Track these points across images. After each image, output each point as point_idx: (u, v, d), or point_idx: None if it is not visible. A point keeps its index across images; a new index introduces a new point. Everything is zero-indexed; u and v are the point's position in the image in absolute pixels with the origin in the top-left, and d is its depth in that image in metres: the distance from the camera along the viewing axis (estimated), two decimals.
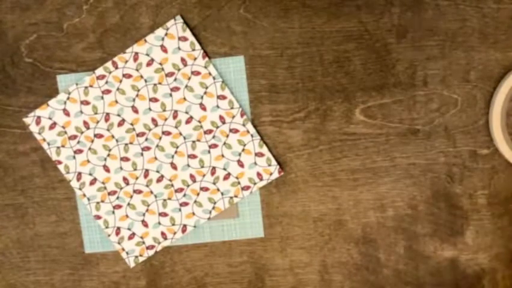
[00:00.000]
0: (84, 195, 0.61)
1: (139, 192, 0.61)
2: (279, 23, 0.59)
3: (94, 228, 0.62)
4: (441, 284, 0.62)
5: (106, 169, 0.61)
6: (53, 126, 0.60)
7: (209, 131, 0.60)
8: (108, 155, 0.61)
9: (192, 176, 0.61)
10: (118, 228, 0.62)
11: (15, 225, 0.63)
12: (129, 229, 0.62)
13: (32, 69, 0.60)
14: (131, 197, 0.61)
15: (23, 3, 0.60)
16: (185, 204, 0.61)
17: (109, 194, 0.61)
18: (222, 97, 0.60)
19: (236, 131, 0.60)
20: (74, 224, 0.63)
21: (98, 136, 0.60)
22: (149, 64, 0.59)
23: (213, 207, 0.61)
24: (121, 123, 0.60)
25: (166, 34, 0.59)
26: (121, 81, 0.60)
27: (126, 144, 0.61)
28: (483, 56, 0.59)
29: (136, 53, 0.59)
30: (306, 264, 0.63)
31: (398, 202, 0.61)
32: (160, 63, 0.59)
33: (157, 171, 0.61)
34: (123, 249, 0.62)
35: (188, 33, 0.59)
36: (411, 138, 0.60)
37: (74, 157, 0.61)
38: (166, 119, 0.60)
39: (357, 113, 0.60)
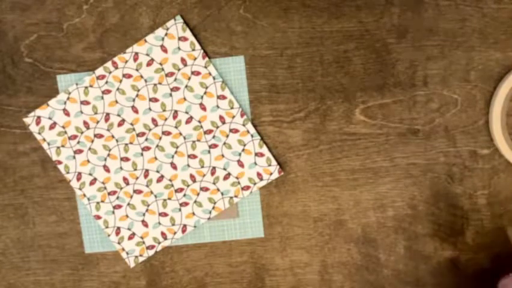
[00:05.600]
0: (84, 195, 0.61)
1: (139, 192, 0.61)
2: (279, 23, 0.59)
3: (94, 228, 0.62)
4: (441, 284, 0.62)
5: (106, 169, 0.61)
6: (53, 126, 0.60)
7: (209, 131, 0.60)
8: (108, 155, 0.61)
9: (191, 176, 0.61)
10: (118, 228, 0.62)
11: (15, 225, 0.63)
12: (129, 229, 0.62)
13: (32, 69, 0.60)
14: (131, 197, 0.61)
15: (23, 3, 0.60)
16: (185, 204, 0.61)
17: (109, 194, 0.61)
18: (222, 97, 0.60)
19: (236, 131, 0.60)
20: (74, 224, 0.63)
21: (98, 136, 0.60)
22: (149, 64, 0.59)
23: (213, 207, 0.61)
24: (121, 123, 0.60)
25: (166, 34, 0.59)
26: (121, 81, 0.60)
27: (126, 144, 0.61)
28: (483, 56, 0.59)
29: (136, 53, 0.59)
30: (306, 264, 0.63)
31: (398, 202, 0.61)
32: (160, 63, 0.59)
33: (157, 171, 0.61)
34: (123, 249, 0.62)
35: (188, 33, 0.59)
36: (411, 138, 0.60)
37: (74, 157, 0.61)
38: (166, 119, 0.60)
39: (357, 113, 0.60)
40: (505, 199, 0.61)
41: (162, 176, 0.61)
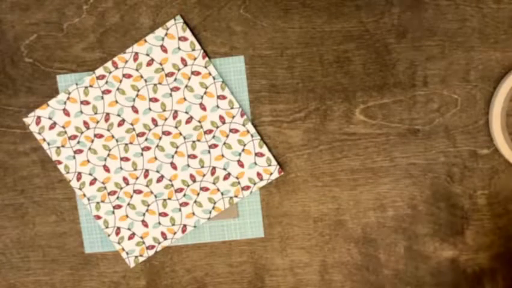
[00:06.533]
0: (84, 195, 0.61)
1: (139, 192, 0.61)
2: (279, 23, 0.59)
3: (94, 228, 0.62)
4: (441, 284, 0.62)
5: (106, 169, 0.61)
6: (53, 126, 0.60)
7: (209, 131, 0.60)
8: (108, 155, 0.61)
9: (191, 176, 0.61)
10: (118, 228, 0.62)
11: (15, 225, 0.63)
12: (129, 229, 0.62)
13: (32, 69, 0.60)
14: (131, 197, 0.61)
15: (23, 3, 0.60)
16: (185, 204, 0.61)
17: (109, 194, 0.61)
18: (222, 97, 0.60)
19: (236, 131, 0.60)
20: (74, 224, 0.63)
21: (98, 136, 0.60)
22: (149, 64, 0.59)
23: (213, 207, 0.61)
24: (121, 123, 0.60)
25: (166, 34, 0.59)
26: (121, 81, 0.60)
27: (126, 144, 0.61)
28: (483, 56, 0.59)
29: (136, 53, 0.59)
30: (306, 264, 0.63)
31: (398, 202, 0.61)
32: (160, 63, 0.59)
33: (157, 171, 0.61)
34: (123, 249, 0.62)
35: (188, 33, 0.59)
36: (411, 138, 0.60)
37: (74, 157, 0.61)
38: (166, 119, 0.60)
39: (357, 113, 0.60)
40: (505, 199, 0.61)
41: (162, 176, 0.61)
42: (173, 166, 0.61)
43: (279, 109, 0.60)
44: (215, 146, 0.60)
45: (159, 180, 0.61)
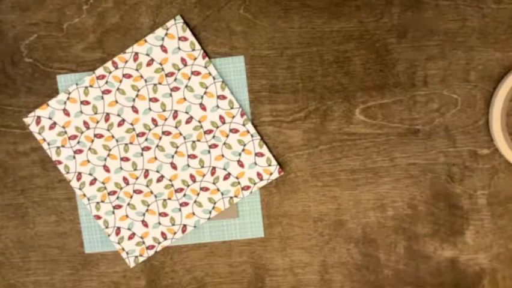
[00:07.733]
0: (84, 195, 0.61)
1: (139, 192, 0.61)
2: (279, 23, 0.59)
3: (94, 228, 0.62)
4: (441, 284, 0.62)
5: (106, 169, 0.61)
6: (53, 126, 0.60)
7: (209, 131, 0.60)
8: (108, 155, 0.61)
9: (191, 176, 0.61)
10: (118, 228, 0.62)
11: (15, 225, 0.63)
12: (129, 229, 0.62)
13: (32, 69, 0.60)
14: (131, 197, 0.61)
15: (23, 3, 0.60)
16: (185, 204, 0.61)
17: (109, 194, 0.61)
18: (222, 97, 0.60)
19: (236, 131, 0.60)
20: (74, 224, 0.63)
21: (98, 136, 0.60)
22: (149, 64, 0.59)
23: (213, 207, 0.61)
24: (121, 123, 0.60)
25: (166, 34, 0.59)
26: (121, 81, 0.60)
27: (126, 144, 0.61)
28: (483, 56, 0.59)
29: (136, 53, 0.59)
30: (306, 264, 0.63)
31: (398, 202, 0.61)
32: (160, 63, 0.59)
33: (157, 171, 0.61)
34: (123, 249, 0.62)
35: (188, 33, 0.59)
36: (411, 138, 0.60)
37: (74, 157, 0.61)
38: (166, 119, 0.60)
39: (357, 113, 0.60)
40: (505, 199, 0.61)
41: (162, 176, 0.61)
42: (173, 166, 0.61)
43: (279, 109, 0.60)
44: (215, 146, 0.60)
45: (159, 180, 0.61)
